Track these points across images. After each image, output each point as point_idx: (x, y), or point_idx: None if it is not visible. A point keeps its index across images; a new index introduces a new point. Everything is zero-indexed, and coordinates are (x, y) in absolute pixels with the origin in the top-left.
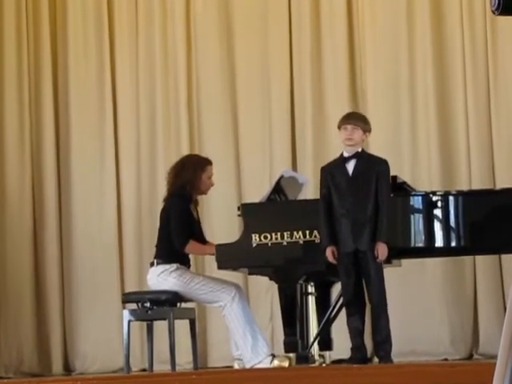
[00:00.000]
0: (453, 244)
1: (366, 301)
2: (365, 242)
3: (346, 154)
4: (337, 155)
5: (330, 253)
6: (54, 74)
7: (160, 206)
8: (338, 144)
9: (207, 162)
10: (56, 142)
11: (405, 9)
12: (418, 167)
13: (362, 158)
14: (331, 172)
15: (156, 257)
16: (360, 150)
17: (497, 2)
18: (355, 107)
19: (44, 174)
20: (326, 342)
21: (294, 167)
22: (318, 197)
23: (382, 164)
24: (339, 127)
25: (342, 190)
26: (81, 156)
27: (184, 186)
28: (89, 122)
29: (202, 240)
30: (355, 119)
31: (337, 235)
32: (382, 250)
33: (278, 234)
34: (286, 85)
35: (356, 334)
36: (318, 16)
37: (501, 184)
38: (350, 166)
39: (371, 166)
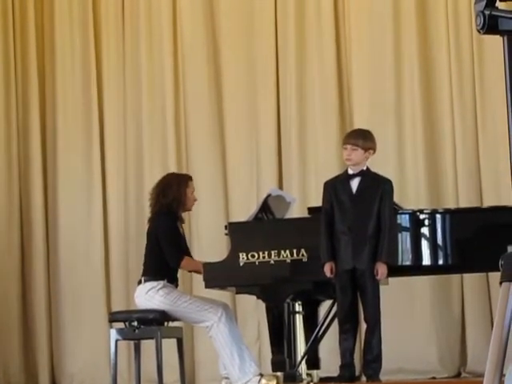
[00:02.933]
0: (440, 262)
1: (360, 319)
2: (364, 260)
3: (350, 172)
4: (323, 174)
5: (328, 269)
6: (41, 95)
7: (147, 225)
8: (325, 163)
9: (189, 178)
10: (43, 162)
11: (391, 26)
12: (404, 185)
13: (367, 176)
14: (335, 188)
15: (143, 275)
16: (365, 168)
17: (482, 20)
18: (342, 125)
19: (31, 195)
20: (313, 361)
21: (281, 185)
22: (305, 215)
23: (387, 184)
24: (342, 145)
25: (345, 207)
26: (67, 175)
27: (171, 204)
28: (76, 140)
29: (189, 257)
30: (354, 138)
31: (336, 252)
32: (381, 270)
33: (266, 252)
34: (273, 102)
35: (346, 352)
36: (303, 31)
37: (488, 202)
38: (354, 184)
39: (375, 184)
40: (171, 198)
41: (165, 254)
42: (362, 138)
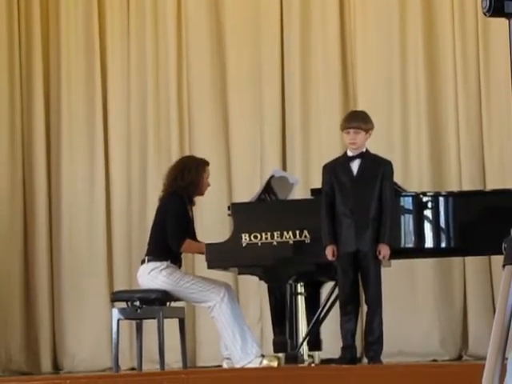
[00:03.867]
0: (443, 245)
1: (361, 302)
2: (367, 242)
3: (350, 154)
4: (326, 155)
5: (330, 251)
6: (46, 79)
7: (150, 205)
8: (328, 144)
9: (206, 163)
10: (46, 142)
11: (397, 9)
12: (408, 168)
13: (367, 158)
14: (335, 171)
15: (147, 254)
16: (364, 149)
17: (488, 3)
18: (346, 108)
19: (34, 173)
20: (315, 342)
21: (284, 167)
22: (308, 196)
23: (387, 165)
24: (342, 129)
25: (346, 189)
26: (71, 155)
27: (187, 187)
28: (79, 122)
29: (194, 240)
30: (356, 122)
31: (337, 234)
32: (384, 251)
33: (268, 233)
34: (277, 84)
35: (348, 334)
36: (308, 17)
37: (491, 185)
38: (355, 166)
39: (376, 166)
40: (189, 181)
41: (167, 235)
42: (362, 120)
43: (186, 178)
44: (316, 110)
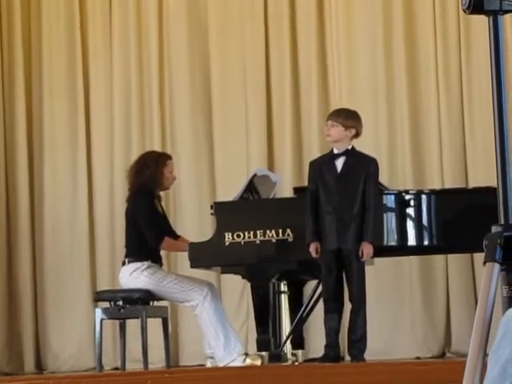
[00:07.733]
0: (425, 243)
1: (345, 300)
2: (349, 240)
3: (335, 151)
4: (312, 154)
5: (313, 249)
6: (27, 78)
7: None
8: (314, 143)
9: (167, 157)
10: (28, 138)
11: (380, 8)
12: (391, 166)
13: (352, 155)
14: (320, 168)
15: (127, 256)
16: (350, 147)
17: (468, 0)
18: (328, 110)
19: (16, 175)
20: (298, 341)
21: (271, 165)
22: (291, 195)
23: (372, 163)
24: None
25: (330, 187)
26: (53, 157)
27: (147, 182)
28: (61, 123)
29: (173, 235)
30: (335, 115)
31: (321, 232)
32: (367, 250)
33: (251, 232)
34: (262, 80)
35: (331, 331)
36: (294, 16)
37: (473, 183)
38: (339, 163)
39: (360, 164)
40: (147, 176)
41: (146, 236)
42: (343, 115)
43: (145, 173)
44: (302, 109)
